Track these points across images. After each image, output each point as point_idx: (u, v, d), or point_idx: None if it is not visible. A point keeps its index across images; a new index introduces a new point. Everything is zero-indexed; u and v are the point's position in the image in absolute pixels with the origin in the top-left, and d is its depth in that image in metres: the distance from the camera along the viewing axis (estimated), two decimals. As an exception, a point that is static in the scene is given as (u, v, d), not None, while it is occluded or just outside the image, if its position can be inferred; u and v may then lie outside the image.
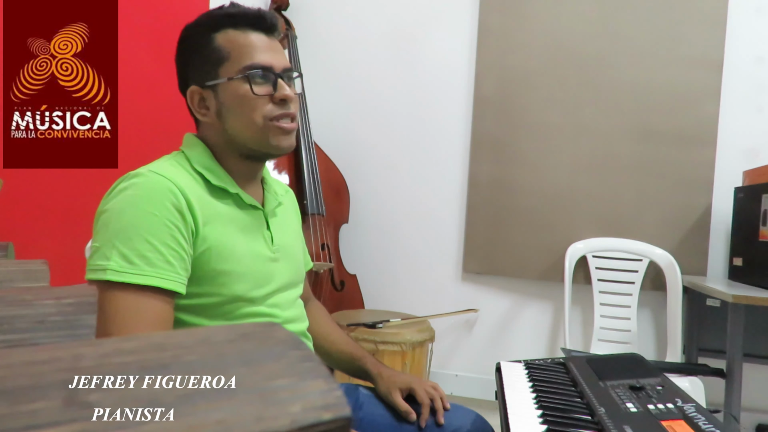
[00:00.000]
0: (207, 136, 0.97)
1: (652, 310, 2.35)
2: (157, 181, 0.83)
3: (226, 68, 0.91)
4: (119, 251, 0.78)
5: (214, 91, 0.92)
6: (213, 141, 0.96)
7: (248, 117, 0.91)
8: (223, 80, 0.91)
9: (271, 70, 0.91)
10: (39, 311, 0.41)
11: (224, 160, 0.95)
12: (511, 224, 2.42)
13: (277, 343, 0.30)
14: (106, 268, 0.77)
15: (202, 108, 0.94)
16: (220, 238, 0.88)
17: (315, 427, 0.24)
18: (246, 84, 0.90)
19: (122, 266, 0.78)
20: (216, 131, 0.94)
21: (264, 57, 0.91)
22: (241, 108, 0.91)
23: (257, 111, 0.90)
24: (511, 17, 2.42)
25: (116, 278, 0.77)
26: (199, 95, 0.93)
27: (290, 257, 1.03)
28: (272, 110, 0.91)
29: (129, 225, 0.80)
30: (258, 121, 0.90)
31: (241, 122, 0.91)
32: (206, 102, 0.93)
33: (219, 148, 0.96)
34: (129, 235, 0.79)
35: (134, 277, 0.78)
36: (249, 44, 0.91)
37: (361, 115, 2.63)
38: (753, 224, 1.95)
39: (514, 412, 0.85)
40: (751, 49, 2.24)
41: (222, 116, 0.92)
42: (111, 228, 0.80)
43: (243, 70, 0.90)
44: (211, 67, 0.91)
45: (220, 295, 0.88)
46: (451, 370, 2.53)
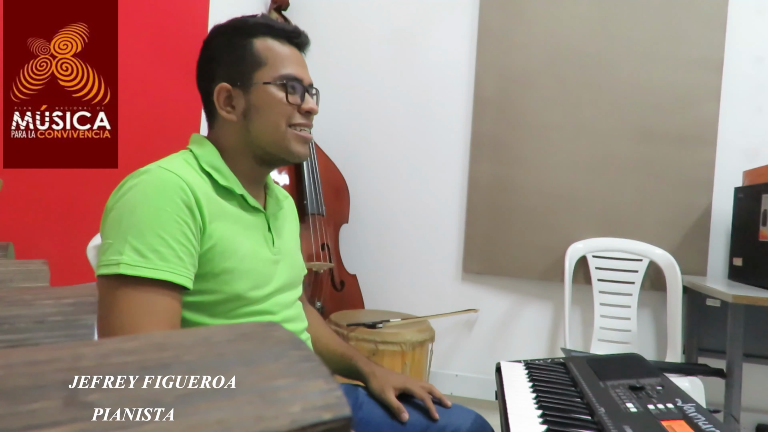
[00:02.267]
0: (222, 135, 0.98)
1: (652, 310, 2.35)
2: (167, 178, 0.84)
3: (262, 73, 0.95)
4: (132, 246, 0.79)
5: (245, 92, 0.95)
6: (228, 141, 0.97)
7: (275, 121, 0.95)
8: (258, 83, 0.94)
9: (302, 83, 0.97)
10: (39, 311, 0.41)
11: (233, 162, 0.97)
12: (511, 224, 2.42)
13: (277, 343, 0.30)
14: (120, 262, 0.78)
15: (228, 105, 0.96)
16: (225, 236, 0.89)
17: (315, 427, 0.24)
18: (281, 91, 0.95)
19: (136, 260, 0.78)
20: (236, 130, 0.97)
21: (297, 70, 0.97)
22: (271, 111, 0.95)
23: (284, 117, 0.95)
24: (511, 17, 2.42)
25: (130, 272, 0.78)
26: (227, 93, 0.96)
27: (290, 259, 1.04)
28: (297, 118, 0.96)
29: (141, 220, 0.80)
30: (282, 126, 0.95)
31: (266, 125, 0.95)
32: (233, 101, 0.96)
33: (233, 148, 0.97)
34: (141, 230, 0.80)
35: (148, 271, 0.79)
36: (286, 55, 0.97)
37: (361, 115, 2.63)
38: (753, 224, 1.95)
39: (514, 412, 0.85)
40: (751, 49, 2.25)
41: (249, 117, 0.95)
42: (123, 224, 0.81)
43: (280, 78, 0.95)
44: (247, 69, 0.95)
45: (222, 292, 0.88)
46: (451, 370, 2.53)
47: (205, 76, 0.99)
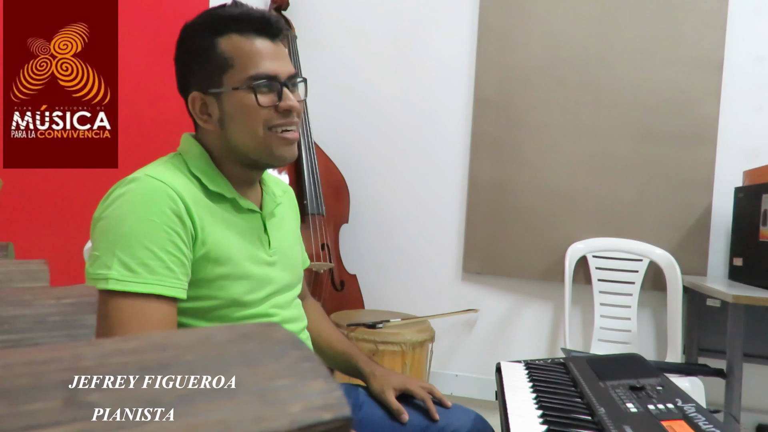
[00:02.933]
0: (206, 140, 0.95)
1: (652, 310, 2.35)
2: (154, 186, 0.82)
3: (231, 76, 0.88)
4: (120, 260, 0.78)
5: (217, 99, 0.90)
6: (213, 146, 0.95)
7: (251, 127, 0.89)
8: (227, 89, 0.89)
9: (277, 79, 0.90)
10: (39, 311, 0.41)
11: (223, 166, 0.94)
12: (511, 224, 2.42)
13: (277, 343, 0.30)
14: (108, 278, 0.77)
15: (204, 114, 0.92)
16: (218, 241, 0.87)
17: (315, 427, 0.24)
18: (251, 94, 0.88)
19: (124, 275, 0.77)
20: (217, 138, 0.93)
21: (269, 65, 0.89)
22: (245, 118, 0.89)
23: (260, 121, 0.89)
24: (511, 17, 2.42)
25: (118, 287, 0.77)
26: (201, 101, 0.92)
27: (288, 260, 1.03)
28: (275, 119, 0.90)
29: (128, 232, 0.79)
30: (260, 131, 0.89)
31: (243, 132, 0.90)
32: (208, 109, 0.91)
33: (218, 153, 0.94)
34: (129, 242, 0.78)
35: (136, 286, 0.78)
36: (254, 52, 0.88)
37: (361, 115, 2.63)
38: (753, 224, 1.95)
39: (514, 413, 0.85)
40: (751, 49, 2.24)
41: (224, 125, 0.91)
42: (110, 236, 0.79)
43: (248, 80, 0.88)
44: (214, 74, 0.89)
45: (218, 298, 0.88)
46: (451, 370, 2.53)
47: (180, 83, 0.95)
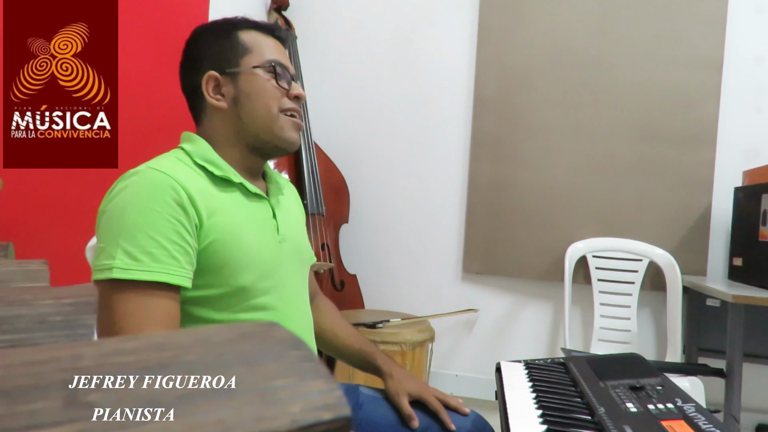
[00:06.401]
0: (212, 128, 0.97)
1: (652, 310, 2.35)
2: (156, 178, 0.83)
3: (250, 59, 0.96)
4: (124, 249, 0.79)
5: (233, 79, 0.96)
6: (219, 132, 0.97)
7: (267, 106, 0.96)
8: (247, 69, 0.95)
9: (288, 71, 0.99)
10: (39, 311, 0.41)
11: (226, 154, 0.96)
12: (511, 224, 2.42)
13: (277, 343, 0.30)
14: (112, 267, 0.78)
15: (217, 93, 0.96)
16: (227, 229, 0.88)
17: (315, 427, 0.24)
18: (270, 74, 0.96)
19: (128, 264, 0.78)
20: (227, 119, 0.96)
21: (283, 59, 1.00)
22: (262, 96, 0.96)
23: (276, 101, 0.96)
24: (511, 17, 2.42)
25: (123, 276, 0.78)
26: (216, 81, 0.96)
27: (296, 246, 1.04)
28: (287, 103, 0.98)
29: (132, 223, 0.80)
30: (274, 110, 0.96)
31: (258, 110, 0.96)
32: (222, 88, 0.96)
33: (224, 139, 0.97)
34: (132, 232, 0.79)
35: (141, 274, 0.78)
36: (271, 45, 0.99)
37: (361, 115, 2.63)
38: (753, 224, 1.95)
39: (514, 412, 0.85)
40: (751, 49, 2.25)
41: (239, 103, 0.96)
42: (114, 227, 0.80)
43: (268, 62, 0.96)
44: (234, 56, 0.96)
45: (227, 285, 0.88)
46: (451, 370, 2.53)
47: (190, 71, 0.98)
